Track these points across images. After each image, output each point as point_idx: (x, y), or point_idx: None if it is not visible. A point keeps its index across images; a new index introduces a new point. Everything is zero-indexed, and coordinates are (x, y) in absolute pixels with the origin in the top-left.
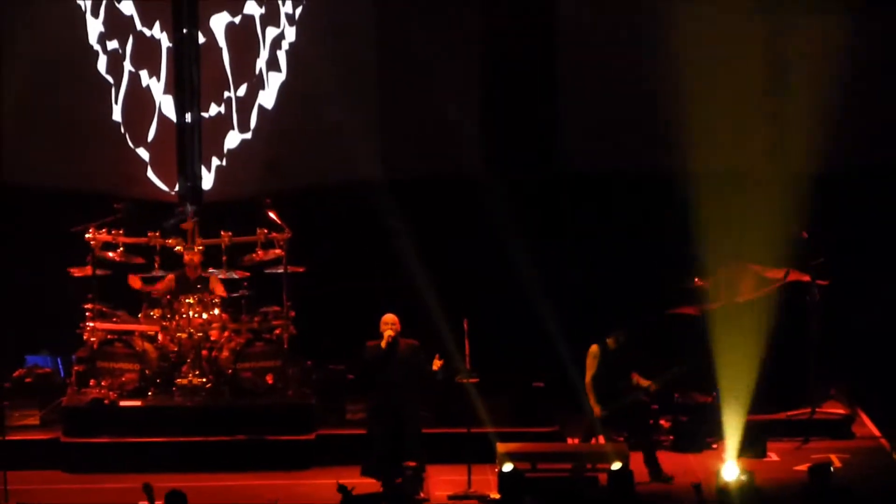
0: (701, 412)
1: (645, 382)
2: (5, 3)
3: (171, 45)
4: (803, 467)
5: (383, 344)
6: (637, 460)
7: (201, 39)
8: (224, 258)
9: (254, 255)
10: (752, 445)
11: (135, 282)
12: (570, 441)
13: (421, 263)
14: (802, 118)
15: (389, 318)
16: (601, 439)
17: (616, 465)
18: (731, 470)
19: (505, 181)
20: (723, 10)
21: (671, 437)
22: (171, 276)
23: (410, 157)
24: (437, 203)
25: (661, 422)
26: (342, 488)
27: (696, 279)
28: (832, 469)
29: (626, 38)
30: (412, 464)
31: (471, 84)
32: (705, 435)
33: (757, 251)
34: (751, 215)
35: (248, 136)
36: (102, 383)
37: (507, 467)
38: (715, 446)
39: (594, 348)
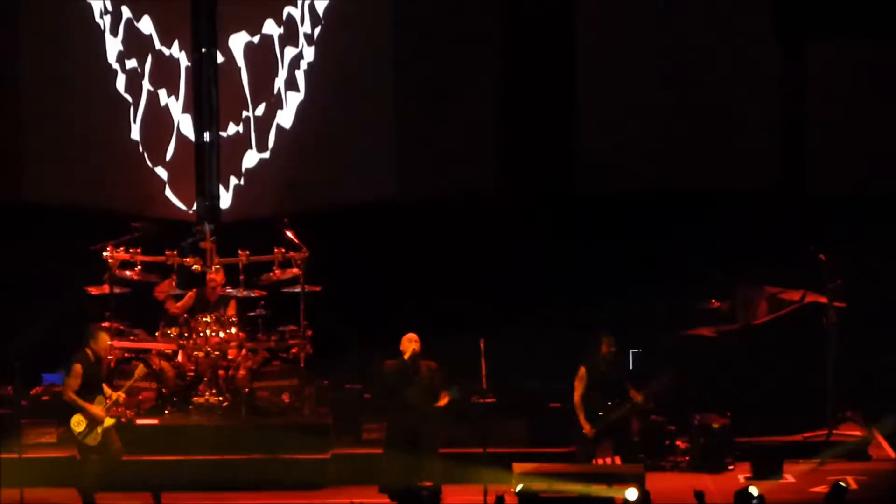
0: (718, 433)
1: (637, 397)
2: (25, 22)
3: (189, 64)
4: (820, 489)
5: (406, 356)
6: (654, 480)
7: (220, 59)
8: (241, 277)
9: (271, 274)
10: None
11: (161, 292)
12: (594, 462)
13: (439, 282)
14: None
15: (412, 336)
16: (617, 460)
17: (631, 491)
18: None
19: (523, 200)
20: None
21: (687, 458)
22: (191, 294)
23: (427, 176)
24: (452, 222)
25: (679, 443)
26: None
27: (713, 300)
28: (847, 490)
29: (646, 56)
30: (428, 483)
31: (488, 103)
32: (722, 456)
33: (774, 273)
34: (767, 236)
35: (267, 155)
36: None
37: (520, 487)
38: (732, 467)
39: (581, 370)
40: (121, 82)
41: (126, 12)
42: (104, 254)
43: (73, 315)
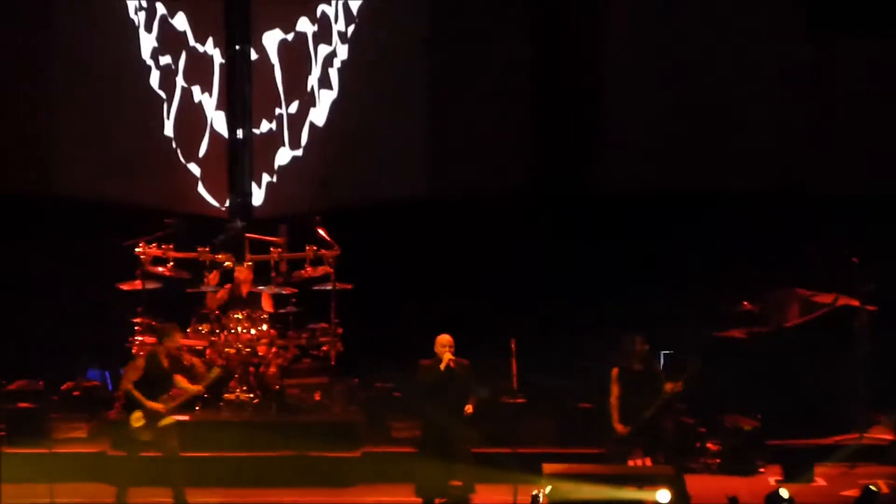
0: (748, 436)
1: (670, 388)
2: (60, 17)
3: (223, 61)
4: (850, 492)
5: (442, 366)
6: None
7: (254, 56)
8: (273, 274)
9: (302, 271)
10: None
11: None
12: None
13: (469, 281)
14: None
15: (446, 339)
16: (648, 461)
17: (663, 493)
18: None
19: (552, 200)
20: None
21: (717, 460)
22: (224, 290)
23: (458, 174)
24: (483, 220)
25: (709, 445)
26: None
27: (745, 303)
28: (878, 493)
29: (673, 56)
30: (458, 483)
31: (519, 102)
32: (753, 458)
33: (806, 275)
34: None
35: (299, 152)
36: None
37: (549, 489)
38: (762, 470)
39: (614, 371)
40: (155, 79)
41: (160, 9)
42: (136, 250)
43: (103, 311)
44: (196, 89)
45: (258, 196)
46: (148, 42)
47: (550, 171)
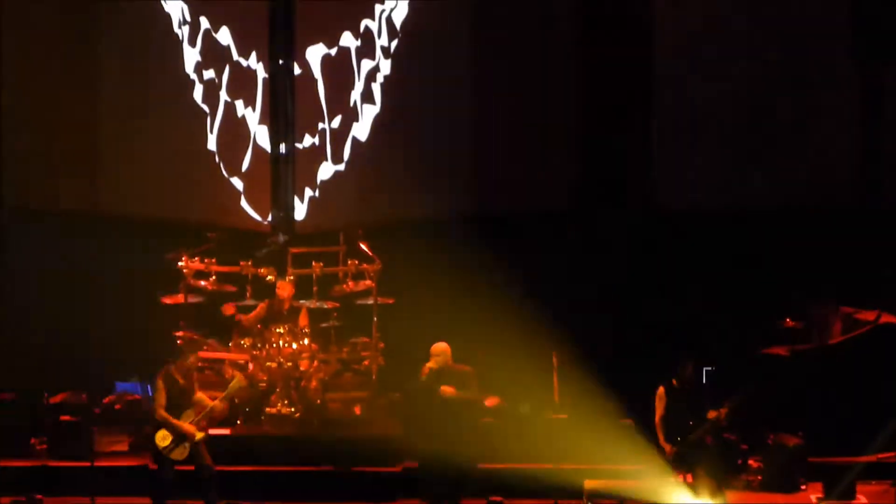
0: (792, 453)
1: (713, 415)
2: (104, 32)
3: (267, 75)
4: None
5: (422, 376)
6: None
7: (297, 70)
8: (314, 288)
9: (344, 285)
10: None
11: (228, 309)
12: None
13: (513, 297)
14: None
15: (434, 347)
16: (689, 477)
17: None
18: None
19: (598, 216)
20: None
21: (759, 478)
22: (262, 305)
23: (504, 191)
24: (529, 237)
25: (751, 462)
26: None
27: (788, 320)
28: None
29: (724, 75)
30: (498, 498)
31: (567, 118)
32: (795, 476)
33: (849, 292)
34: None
35: (342, 167)
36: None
37: None
38: (804, 487)
39: (661, 390)
40: (198, 92)
41: (204, 23)
42: (179, 263)
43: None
44: (239, 103)
45: (300, 210)
46: (191, 56)
47: (598, 188)
